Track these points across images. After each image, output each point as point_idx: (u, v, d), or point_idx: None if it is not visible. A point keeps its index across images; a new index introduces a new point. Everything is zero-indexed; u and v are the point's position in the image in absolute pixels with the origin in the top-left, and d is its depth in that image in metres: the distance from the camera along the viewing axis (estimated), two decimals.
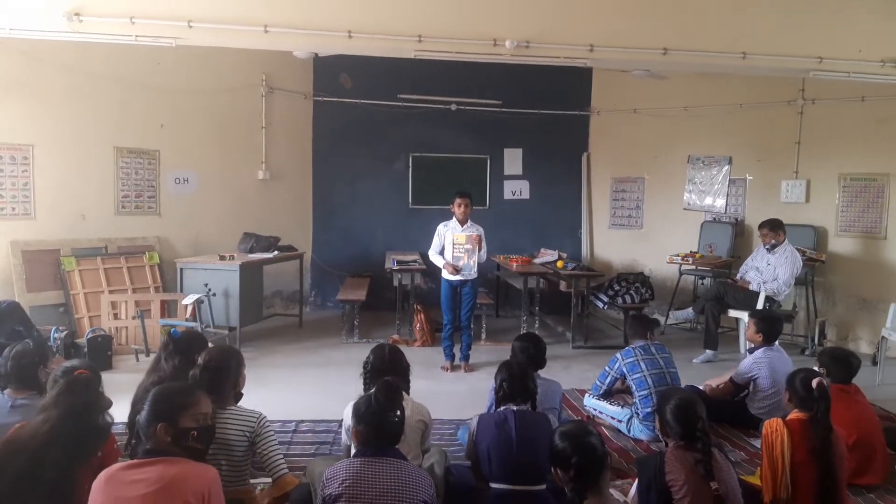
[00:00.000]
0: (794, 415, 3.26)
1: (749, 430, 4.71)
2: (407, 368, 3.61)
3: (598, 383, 4.87)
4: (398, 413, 2.74)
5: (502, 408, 3.34)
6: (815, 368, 3.61)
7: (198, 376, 3.07)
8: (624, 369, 4.65)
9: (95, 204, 7.31)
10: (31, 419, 2.74)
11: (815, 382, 3.21)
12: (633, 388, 4.60)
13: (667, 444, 3.01)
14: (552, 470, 2.58)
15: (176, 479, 2.31)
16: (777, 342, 5.01)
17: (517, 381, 3.35)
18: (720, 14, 5.44)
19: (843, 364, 3.85)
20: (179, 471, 2.35)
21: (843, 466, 3.16)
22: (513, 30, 5.15)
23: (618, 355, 4.75)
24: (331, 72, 8.93)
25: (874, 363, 6.44)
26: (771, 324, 5.04)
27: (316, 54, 8.34)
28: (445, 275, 6.34)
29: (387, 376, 3.39)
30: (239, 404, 3.18)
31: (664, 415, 2.96)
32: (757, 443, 4.24)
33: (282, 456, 3.07)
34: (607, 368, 4.79)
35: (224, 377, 3.11)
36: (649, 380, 4.51)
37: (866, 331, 7.29)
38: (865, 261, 7.29)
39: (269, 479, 3.06)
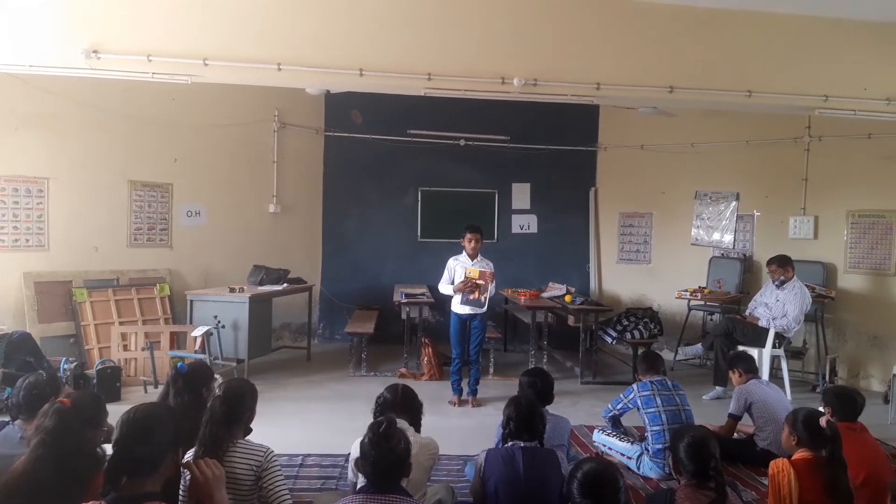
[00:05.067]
0: (800, 455, 3.23)
1: (760, 469, 4.64)
2: (419, 408, 3.60)
3: (609, 406, 4.88)
4: (396, 449, 2.69)
5: (510, 444, 3.32)
6: (820, 408, 3.57)
7: (216, 407, 3.06)
8: (638, 401, 4.61)
9: (108, 236, 7.40)
10: None
11: (823, 421, 3.18)
12: (646, 422, 4.56)
13: (679, 482, 2.99)
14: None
15: None
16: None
17: (524, 419, 3.33)
18: (726, 52, 5.52)
19: (847, 401, 3.81)
20: None
21: None
22: (521, 68, 5.26)
23: (634, 386, 4.72)
24: (342, 108, 9.07)
25: (885, 401, 6.36)
26: (747, 360, 5.21)
27: (328, 91, 8.48)
28: (455, 308, 6.34)
29: (398, 413, 3.38)
30: (247, 438, 3.18)
31: (677, 452, 2.94)
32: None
33: (287, 492, 3.04)
34: (622, 396, 4.77)
35: (239, 410, 3.11)
36: (664, 416, 4.47)
37: (877, 368, 7.21)
38: (875, 298, 7.25)
39: None
